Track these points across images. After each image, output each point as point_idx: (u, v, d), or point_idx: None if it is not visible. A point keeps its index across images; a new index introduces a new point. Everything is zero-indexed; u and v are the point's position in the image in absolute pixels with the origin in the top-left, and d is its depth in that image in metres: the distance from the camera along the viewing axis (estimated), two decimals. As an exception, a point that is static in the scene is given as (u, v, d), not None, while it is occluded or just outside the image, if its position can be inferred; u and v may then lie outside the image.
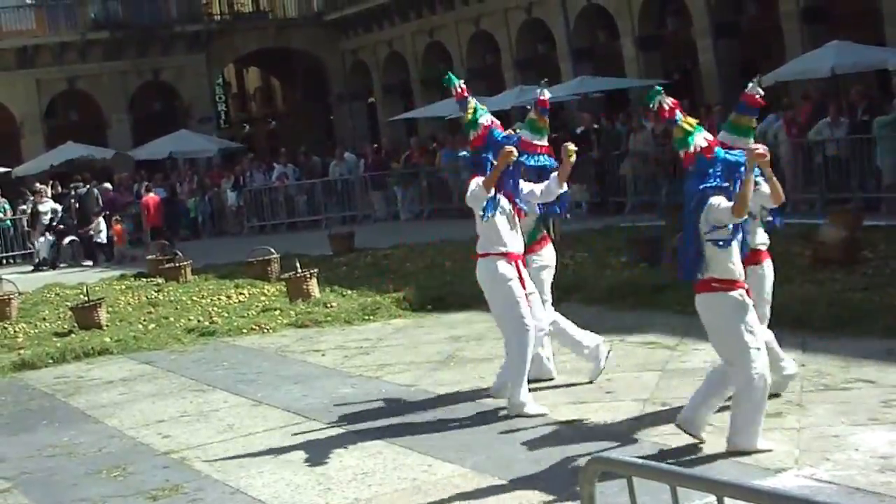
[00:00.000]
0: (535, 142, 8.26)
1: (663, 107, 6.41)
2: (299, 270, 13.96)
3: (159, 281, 17.51)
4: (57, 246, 24.44)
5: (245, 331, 12.40)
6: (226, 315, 13.36)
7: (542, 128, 8.36)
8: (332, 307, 13.02)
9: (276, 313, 13.09)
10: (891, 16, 22.35)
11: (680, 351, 9.02)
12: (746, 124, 6.64)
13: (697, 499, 3.28)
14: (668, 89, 6.73)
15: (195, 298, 15.00)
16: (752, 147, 6.16)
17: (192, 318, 13.44)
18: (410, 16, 35.79)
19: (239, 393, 9.41)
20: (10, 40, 35.10)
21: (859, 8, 23.68)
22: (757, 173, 6.31)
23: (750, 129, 6.63)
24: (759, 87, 6.68)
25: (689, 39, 27.03)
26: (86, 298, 14.25)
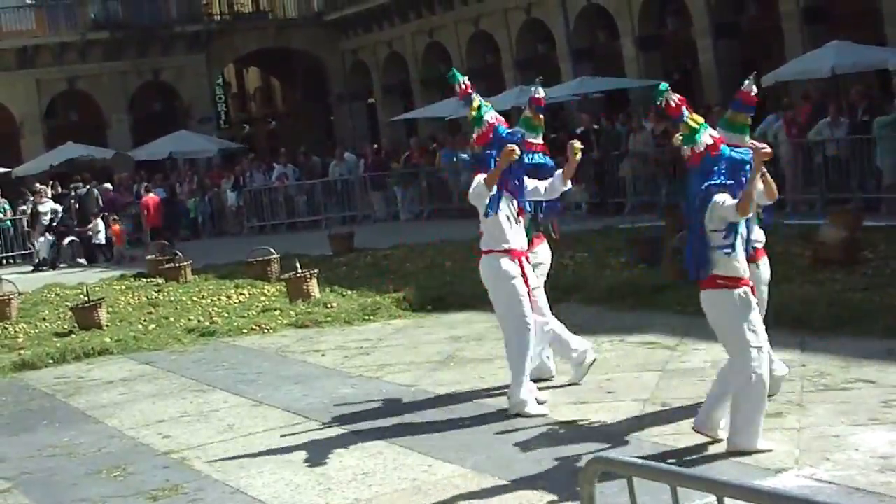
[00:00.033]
0: (530, 139, 8.23)
1: (670, 103, 6.44)
2: (299, 271, 13.96)
3: (159, 281, 17.51)
4: (57, 246, 24.44)
5: (245, 331, 12.41)
6: (226, 315, 13.37)
7: (538, 125, 8.35)
8: (332, 307, 13.02)
9: (277, 313, 13.10)
10: (891, 16, 22.34)
11: (680, 351, 9.01)
12: (742, 121, 6.65)
13: (697, 499, 3.28)
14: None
15: (195, 299, 15.00)
16: (759, 146, 6.16)
17: (192, 318, 13.45)
18: (410, 16, 35.79)
19: (239, 393, 9.41)
20: (10, 40, 35.09)
21: (859, 8, 23.67)
22: None
23: (745, 126, 6.64)
24: (755, 85, 6.68)
25: (689, 39, 27.03)
26: (86, 299, 14.26)
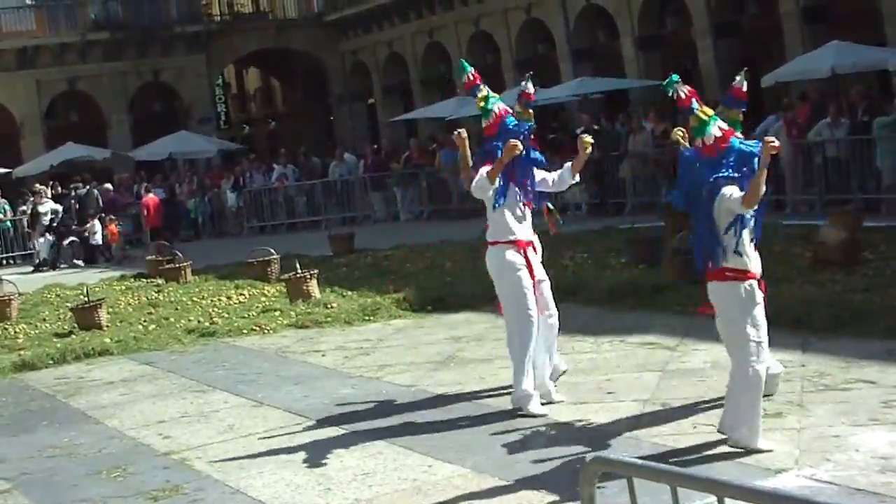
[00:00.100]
0: None
1: (680, 95, 6.48)
2: (299, 271, 13.96)
3: (159, 282, 17.52)
4: (57, 247, 24.44)
5: (245, 331, 12.41)
6: (226, 316, 13.37)
7: (527, 120, 8.36)
8: (332, 308, 13.02)
9: (277, 314, 13.10)
10: (891, 16, 22.34)
11: (680, 351, 9.01)
12: (734, 117, 6.66)
13: (698, 499, 3.28)
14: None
15: (195, 299, 15.00)
16: (767, 139, 6.17)
17: (192, 318, 13.45)
18: (410, 16, 35.79)
19: (239, 393, 9.42)
20: (11, 41, 35.08)
21: (859, 8, 23.67)
22: None
23: (737, 122, 6.64)
24: (746, 81, 6.72)
25: (689, 39, 27.02)
26: (86, 299, 14.26)
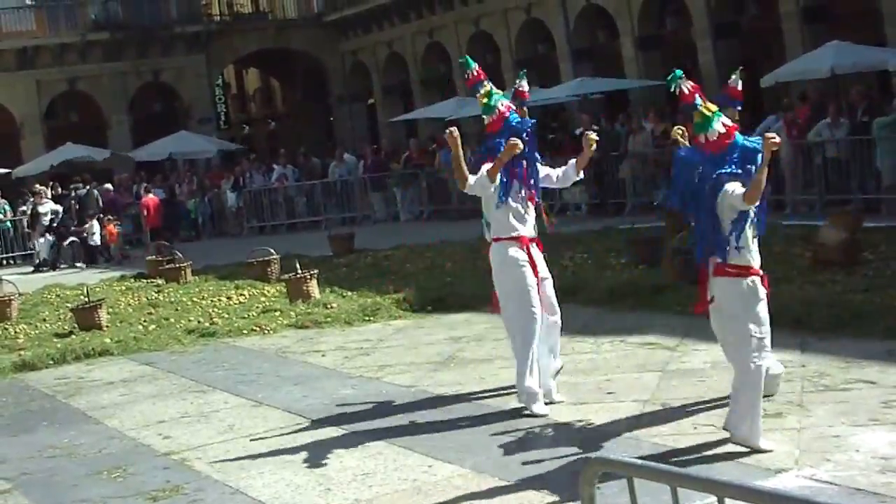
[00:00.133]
0: None
1: (683, 90, 6.49)
2: (299, 271, 13.95)
3: (159, 282, 17.52)
4: (57, 247, 24.44)
5: (245, 332, 12.41)
6: (226, 316, 13.37)
7: (521, 118, 8.35)
8: (332, 308, 13.02)
9: (277, 314, 13.10)
10: (891, 16, 22.33)
11: (680, 352, 9.02)
12: (730, 116, 6.66)
13: (698, 499, 3.28)
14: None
15: (195, 299, 15.00)
16: (768, 135, 6.18)
17: (192, 319, 13.45)
18: (410, 16, 35.79)
19: (239, 394, 9.42)
20: (10, 41, 35.07)
21: (859, 8, 23.67)
22: None
23: (732, 120, 6.65)
24: (741, 80, 6.73)
25: (689, 39, 27.01)
26: (86, 299, 14.26)
